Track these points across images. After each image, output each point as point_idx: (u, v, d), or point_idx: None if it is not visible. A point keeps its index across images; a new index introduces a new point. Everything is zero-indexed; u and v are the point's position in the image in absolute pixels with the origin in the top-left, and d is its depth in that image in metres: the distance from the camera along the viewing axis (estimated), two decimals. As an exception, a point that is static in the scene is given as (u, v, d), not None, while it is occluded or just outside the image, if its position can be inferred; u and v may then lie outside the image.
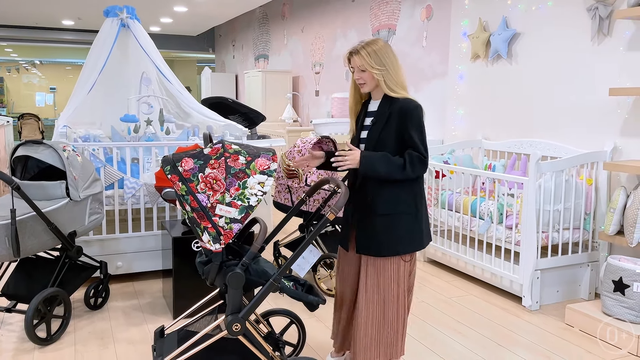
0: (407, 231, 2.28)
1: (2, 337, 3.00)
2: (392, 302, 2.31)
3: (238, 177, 2.09)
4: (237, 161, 2.11)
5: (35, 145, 3.07)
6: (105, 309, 3.39)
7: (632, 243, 3.20)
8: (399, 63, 2.33)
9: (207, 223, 2.07)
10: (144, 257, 3.81)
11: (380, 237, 2.27)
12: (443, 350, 2.89)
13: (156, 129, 4.11)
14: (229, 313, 2.14)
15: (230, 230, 2.08)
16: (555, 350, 2.91)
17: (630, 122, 3.50)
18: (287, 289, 2.21)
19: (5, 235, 2.76)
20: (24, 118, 9.44)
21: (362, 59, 2.25)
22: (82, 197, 3.10)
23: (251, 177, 2.10)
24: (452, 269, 4.26)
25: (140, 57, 4.12)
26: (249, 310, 2.15)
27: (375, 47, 2.25)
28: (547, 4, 4.04)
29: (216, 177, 2.08)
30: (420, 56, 5.65)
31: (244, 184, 2.09)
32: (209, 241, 2.08)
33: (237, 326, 2.13)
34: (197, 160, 2.10)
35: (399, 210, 2.27)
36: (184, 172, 2.09)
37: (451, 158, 4.40)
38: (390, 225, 2.26)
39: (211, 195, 2.07)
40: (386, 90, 2.27)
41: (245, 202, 2.08)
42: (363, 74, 2.28)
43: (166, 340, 2.37)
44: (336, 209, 2.09)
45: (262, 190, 2.09)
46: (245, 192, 2.08)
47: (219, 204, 2.07)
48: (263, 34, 9.80)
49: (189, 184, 2.08)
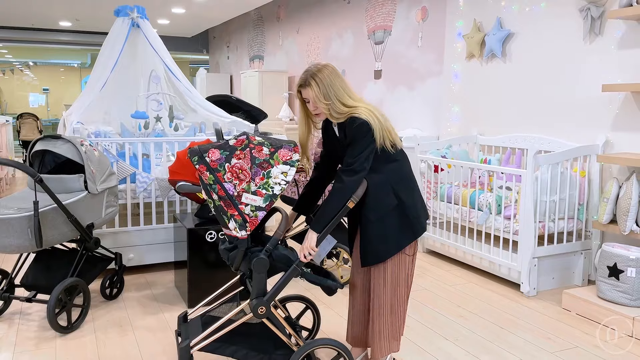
0: (398, 227, 2.34)
1: (22, 326, 3.10)
2: (398, 294, 2.42)
3: (262, 167, 2.21)
4: (261, 152, 2.22)
5: (54, 139, 3.17)
6: (120, 299, 3.50)
7: (625, 231, 3.38)
8: (345, 83, 2.33)
9: (234, 211, 2.19)
10: (156, 250, 3.92)
11: (374, 246, 2.35)
12: (447, 332, 3.04)
13: (165, 125, 4.22)
14: (254, 297, 2.26)
15: (256, 217, 2.20)
16: (554, 332, 3.07)
17: (621, 117, 3.68)
18: (307, 274, 2.33)
19: (28, 226, 2.87)
20: (23, 117, 9.47)
21: (312, 90, 2.28)
22: (99, 190, 3.21)
23: (275, 167, 2.21)
24: (451, 259, 4.42)
25: (149, 56, 4.24)
26: (273, 294, 2.27)
27: (321, 77, 2.28)
28: (540, 5, 4.22)
29: (242, 167, 2.20)
30: (415, 56, 5.82)
31: (268, 174, 2.21)
32: (235, 228, 2.20)
33: (262, 309, 2.24)
34: (223, 151, 2.21)
35: (384, 210, 2.33)
36: (211, 163, 2.20)
37: (448, 153, 4.56)
38: (381, 230, 2.33)
39: (237, 184, 2.19)
40: (334, 120, 2.32)
41: (269, 190, 2.20)
42: (319, 103, 2.30)
43: (190, 324, 2.48)
44: (356, 197, 2.23)
45: (285, 179, 2.21)
46: (269, 181, 2.20)
47: (245, 192, 2.19)
48: (258, 35, 9.92)
49: (216, 174, 2.19)
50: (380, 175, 2.33)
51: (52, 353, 2.76)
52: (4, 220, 2.83)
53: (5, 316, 3.23)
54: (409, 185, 2.40)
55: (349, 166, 2.25)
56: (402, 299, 2.45)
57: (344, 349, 2.32)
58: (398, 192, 2.34)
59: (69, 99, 15.78)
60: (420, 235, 2.42)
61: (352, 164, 2.25)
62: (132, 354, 2.77)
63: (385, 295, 2.41)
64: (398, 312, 2.44)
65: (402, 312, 2.46)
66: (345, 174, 2.25)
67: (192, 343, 2.25)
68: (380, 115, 2.34)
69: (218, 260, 3.36)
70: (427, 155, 4.50)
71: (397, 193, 2.34)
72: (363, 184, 2.29)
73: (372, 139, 2.25)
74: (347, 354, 2.33)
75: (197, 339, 2.27)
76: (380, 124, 2.30)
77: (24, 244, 2.89)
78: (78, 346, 2.84)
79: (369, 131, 2.25)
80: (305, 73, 2.32)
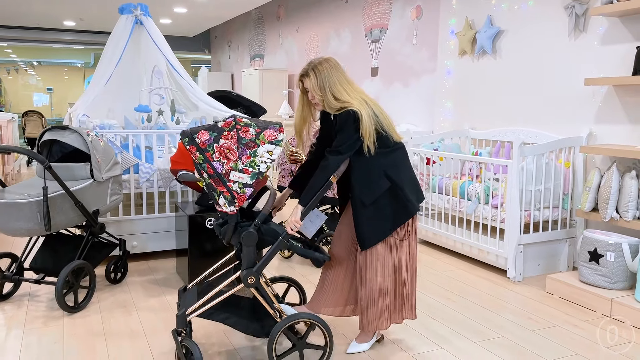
0: (390, 210, 2.52)
1: (31, 306, 3.26)
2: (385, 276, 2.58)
3: (249, 147, 2.37)
4: (247, 132, 2.39)
5: (62, 130, 3.34)
6: (124, 283, 3.67)
7: (606, 218, 3.53)
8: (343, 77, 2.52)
9: (223, 188, 2.36)
10: (158, 238, 4.09)
11: (369, 229, 2.52)
12: (434, 313, 3.21)
13: (166, 119, 4.39)
14: (244, 268, 2.42)
15: (243, 194, 2.36)
16: (536, 313, 3.23)
17: (604, 110, 3.84)
18: (295, 247, 2.50)
19: (38, 211, 3.04)
20: (28, 115, 9.65)
21: (310, 81, 2.49)
22: (104, 178, 3.38)
23: (261, 146, 2.38)
24: (442, 248, 4.58)
25: (152, 51, 4.41)
26: (261, 265, 2.43)
27: (320, 69, 2.49)
28: (528, 3, 4.38)
29: (229, 147, 2.37)
30: (410, 53, 5.98)
31: (254, 153, 2.37)
32: (225, 204, 2.37)
33: (251, 279, 2.41)
34: (212, 132, 2.37)
35: (375, 195, 2.50)
36: (200, 143, 2.36)
37: (441, 146, 4.72)
38: (374, 213, 2.51)
39: (225, 163, 2.36)
40: (328, 110, 2.53)
41: (255, 168, 2.37)
42: (315, 94, 2.51)
43: (187, 294, 2.63)
44: (338, 172, 2.43)
45: (270, 158, 2.39)
46: (255, 160, 2.37)
47: (232, 170, 2.36)
48: (259, 34, 10.10)
49: (205, 154, 2.35)
50: (374, 162, 2.50)
51: (60, 330, 2.93)
52: (15, 204, 3.00)
53: (15, 297, 3.40)
54: (402, 170, 2.56)
55: (335, 148, 2.46)
56: (392, 280, 2.61)
57: (323, 323, 2.45)
58: (391, 176, 2.51)
59: (72, 98, 15.99)
60: (413, 215, 2.57)
61: (338, 146, 2.46)
62: (135, 330, 2.94)
63: (371, 277, 2.57)
64: (386, 293, 2.60)
65: (391, 293, 2.61)
66: (331, 154, 2.46)
67: (188, 311, 2.41)
68: (378, 109, 2.53)
69: (217, 247, 3.52)
70: (419, 149, 4.66)
71: (389, 176, 2.51)
72: (345, 161, 2.49)
73: (357, 129, 2.44)
74: (326, 328, 2.46)
75: (193, 307, 2.42)
76: (375, 116, 2.48)
77: (34, 228, 3.06)
78: (84, 324, 3.01)
79: (355, 121, 2.44)
80: (308, 64, 2.53)
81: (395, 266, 2.61)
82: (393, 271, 2.61)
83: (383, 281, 2.59)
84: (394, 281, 2.63)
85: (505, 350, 2.74)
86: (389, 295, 2.62)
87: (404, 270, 2.64)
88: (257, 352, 2.69)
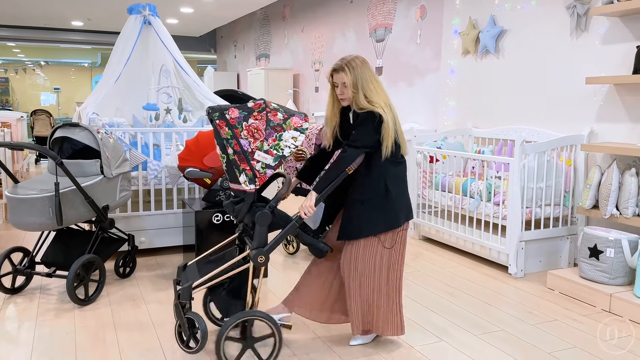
0: (379, 211, 2.57)
1: (43, 299, 3.35)
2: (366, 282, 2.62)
3: (276, 130, 2.44)
4: (276, 116, 2.45)
5: (72, 127, 3.43)
6: (133, 278, 3.75)
7: (606, 215, 3.59)
8: (373, 76, 2.57)
9: (246, 165, 2.42)
10: (165, 234, 4.18)
11: (355, 222, 2.58)
12: (436, 307, 3.27)
13: (174, 117, 4.47)
14: (255, 247, 2.47)
15: (264, 174, 2.43)
16: (537, 308, 3.29)
17: (604, 109, 3.89)
18: (302, 235, 2.57)
19: (50, 206, 3.13)
20: (36, 114, 9.77)
21: (346, 76, 2.52)
22: (114, 174, 3.46)
23: (287, 131, 2.45)
24: (444, 245, 4.64)
25: (160, 51, 4.49)
26: (272, 245, 2.49)
27: (354, 65, 2.54)
28: (530, 3, 4.44)
29: (257, 127, 2.42)
30: (414, 52, 6.04)
31: (280, 137, 2.44)
32: (245, 182, 2.43)
33: (261, 258, 2.46)
34: (242, 111, 2.42)
35: (370, 195, 2.56)
36: (230, 119, 2.40)
37: (444, 145, 4.78)
38: (363, 210, 2.57)
39: (252, 142, 2.41)
40: (355, 108, 2.58)
41: (279, 152, 2.43)
42: (345, 89, 2.55)
43: (188, 270, 2.67)
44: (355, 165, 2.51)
45: (294, 144, 2.45)
46: (280, 143, 2.44)
47: (258, 150, 2.42)
48: (264, 34, 10.18)
49: (234, 130, 2.40)
50: (378, 168, 2.56)
51: (71, 322, 3.01)
52: (28, 200, 3.09)
53: (27, 291, 3.49)
54: (400, 184, 2.63)
55: (353, 141, 2.52)
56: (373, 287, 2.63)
57: (277, 327, 2.45)
58: (389, 185, 2.57)
59: (79, 97, 16.13)
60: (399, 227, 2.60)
61: (357, 139, 2.51)
62: (144, 322, 3.01)
63: (354, 279, 2.62)
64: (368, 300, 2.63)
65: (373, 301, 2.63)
66: (349, 147, 2.51)
67: (194, 284, 2.45)
68: (397, 118, 2.59)
69: (223, 241, 3.59)
70: (423, 147, 4.72)
71: (387, 185, 2.57)
72: (362, 156, 2.55)
73: (379, 128, 2.50)
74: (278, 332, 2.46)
75: (199, 282, 2.46)
76: (395, 125, 2.55)
77: (46, 222, 3.14)
78: (95, 316, 3.09)
79: (379, 122, 2.50)
80: (341, 60, 2.57)
81: (382, 273, 2.63)
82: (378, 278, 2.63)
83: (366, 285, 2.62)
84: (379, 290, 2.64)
85: (505, 343, 2.80)
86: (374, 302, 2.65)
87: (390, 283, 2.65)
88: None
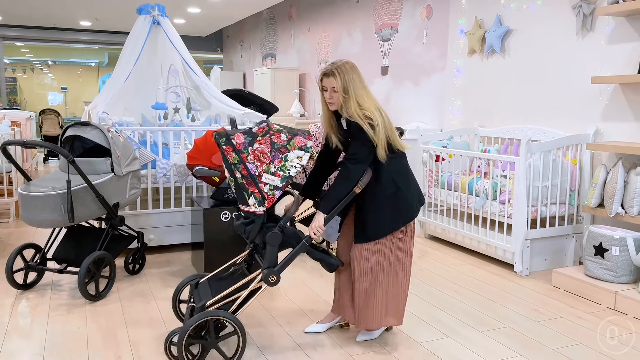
0: (393, 209, 2.61)
1: (54, 295, 3.41)
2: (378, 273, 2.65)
3: (281, 152, 2.50)
4: (279, 138, 2.51)
5: (84, 126, 3.48)
6: (142, 274, 3.80)
7: (611, 213, 3.61)
8: (363, 81, 2.58)
9: (254, 188, 2.48)
10: (174, 231, 4.23)
11: (371, 224, 2.61)
12: (442, 304, 3.30)
13: (182, 116, 4.53)
14: (266, 267, 2.52)
15: (273, 195, 2.48)
16: (542, 306, 3.32)
17: (610, 108, 3.91)
18: (312, 252, 2.63)
19: (62, 203, 3.18)
20: (45, 114, 9.87)
21: (335, 81, 2.52)
22: (124, 172, 3.52)
23: (291, 151, 2.50)
24: (450, 243, 4.67)
25: (169, 51, 4.55)
26: (283, 265, 2.53)
27: (344, 70, 2.54)
28: (536, 3, 4.46)
29: (263, 150, 2.49)
30: (420, 52, 6.07)
31: (285, 158, 2.50)
32: (254, 204, 2.48)
33: (273, 277, 2.50)
34: (247, 137, 2.51)
35: (382, 197, 2.60)
36: (237, 145, 2.49)
37: (450, 144, 4.81)
38: (378, 212, 2.60)
39: (259, 165, 2.48)
40: (344, 114, 2.58)
41: (286, 172, 2.49)
42: (335, 94, 2.55)
43: (200, 288, 2.73)
44: (362, 184, 2.52)
45: (300, 163, 2.50)
46: (286, 164, 2.49)
47: (265, 173, 2.48)
48: (270, 34, 10.23)
49: (241, 155, 2.48)
50: (383, 172, 2.59)
51: (82, 317, 3.07)
52: (41, 197, 3.14)
53: (39, 287, 3.55)
54: (407, 176, 2.67)
55: (352, 156, 2.52)
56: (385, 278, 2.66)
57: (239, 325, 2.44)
58: (397, 182, 2.61)
59: (87, 97, 16.24)
60: (411, 221, 2.65)
61: (355, 154, 2.51)
62: (154, 318, 3.06)
63: (365, 273, 2.65)
64: (377, 292, 2.66)
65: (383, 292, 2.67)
66: (350, 162, 2.52)
67: (207, 303, 2.52)
68: (387, 117, 2.60)
69: (231, 239, 3.64)
70: (429, 146, 4.75)
71: (396, 182, 2.61)
72: (368, 172, 2.56)
73: (374, 135, 2.50)
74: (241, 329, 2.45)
75: (211, 302, 2.51)
76: (385, 123, 2.56)
77: (58, 219, 3.20)
78: (106, 312, 3.15)
79: (372, 128, 2.50)
80: (332, 65, 2.58)
81: (390, 263, 2.67)
82: (387, 269, 2.66)
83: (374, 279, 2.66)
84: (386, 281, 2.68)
85: (510, 339, 2.83)
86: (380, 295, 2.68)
87: (398, 270, 2.69)
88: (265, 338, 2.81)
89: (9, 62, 16.00)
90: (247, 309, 3.19)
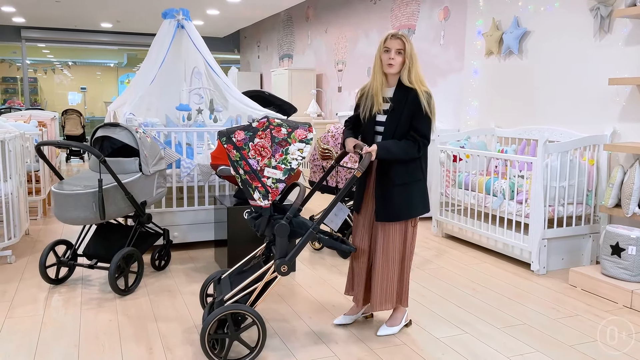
0: (420, 196, 2.77)
1: (85, 289, 3.54)
2: (400, 260, 2.79)
3: (281, 145, 2.58)
4: (280, 132, 2.60)
5: (113, 127, 3.62)
6: (168, 270, 3.93)
7: (628, 213, 3.65)
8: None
9: (258, 183, 2.57)
10: (197, 229, 4.35)
11: (397, 204, 2.72)
12: (460, 301, 3.38)
13: (205, 117, 4.65)
14: (277, 257, 2.61)
15: (276, 188, 2.57)
16: (558, 303, 3.38)
17: (627, 109, 3.95)
18: (323, 239, 2.70)
19: (93, 201, 3.31)
20: (67, 113, 10.10)
21: (405, 44, 2.68)
22: (151, 172, 3.64)
23: (292, 144, 2.59)
24: (468, 242, 4.74)
25: (192, 54, 4.67)
26: (293, 254, 2.61)
27: (410, 41, 2.72)
28: (554, 5, 4.50)
29: (263, 145, 2.58)
30: (438, 53, 6.13)
31: (286, 151, 2.58)
32: (259, 198, 2.58)
33: (284, 267, 2.59)
34: (247, 132, 2.59)
35: (411, 179, 2.73)
36: (237, 142, 2.57)
37: (467, 144, 4.87)
38: (405, 193, 2.72)
39: (260, 160, 2.57)
40: (405, 80, 2.70)
41: (287, 165, 2.57)
42: (398, 56, 2.69)
43: (222, 284, 2.83)
44: (362, 168, 2.59)
45: (301, 155, 2.58)
46: (287, 157, 2.58)
47: (266, 167, 2.57)
48: (287, 35, 10.34)
49: (241, 152, 2.56)
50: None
51: (113, 310, 3.20)
52: (74, 195, 3.28)
53: (70, 281, 3.69)
54: (427, 169, 2.83)
55: (425, 135, 2.67)
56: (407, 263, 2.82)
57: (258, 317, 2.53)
58: (424, 170, 2.78)
59: (105, 97, 16.50)
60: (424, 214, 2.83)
61: (427, 134, 2.67)
62: (181, 311, 3.18)
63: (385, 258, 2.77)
64: (391, 275, 2.79)
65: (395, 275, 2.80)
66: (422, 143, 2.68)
67: (226, 297, 2.62)
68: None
69: (253, 236, 3.75)
70: (446, 146, 4.82)
71: (423, 170, 2.77)
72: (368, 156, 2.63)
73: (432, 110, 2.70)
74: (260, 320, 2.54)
75: (229, 295, 2.62)
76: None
77: (89, 217, 3.34)
78: (135, 305, 3.27)
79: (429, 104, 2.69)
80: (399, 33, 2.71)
81: (408, 249, 2.82)
82: (407, 254, 2.82)
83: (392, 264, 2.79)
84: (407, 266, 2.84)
85: (528, 336, 2.90)
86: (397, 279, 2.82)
87: (411, 258, 2.86)
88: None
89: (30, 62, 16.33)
90: (270, 305, 3.30)
